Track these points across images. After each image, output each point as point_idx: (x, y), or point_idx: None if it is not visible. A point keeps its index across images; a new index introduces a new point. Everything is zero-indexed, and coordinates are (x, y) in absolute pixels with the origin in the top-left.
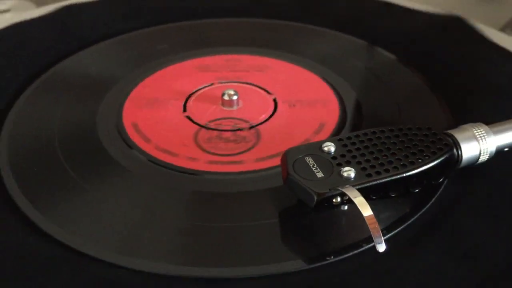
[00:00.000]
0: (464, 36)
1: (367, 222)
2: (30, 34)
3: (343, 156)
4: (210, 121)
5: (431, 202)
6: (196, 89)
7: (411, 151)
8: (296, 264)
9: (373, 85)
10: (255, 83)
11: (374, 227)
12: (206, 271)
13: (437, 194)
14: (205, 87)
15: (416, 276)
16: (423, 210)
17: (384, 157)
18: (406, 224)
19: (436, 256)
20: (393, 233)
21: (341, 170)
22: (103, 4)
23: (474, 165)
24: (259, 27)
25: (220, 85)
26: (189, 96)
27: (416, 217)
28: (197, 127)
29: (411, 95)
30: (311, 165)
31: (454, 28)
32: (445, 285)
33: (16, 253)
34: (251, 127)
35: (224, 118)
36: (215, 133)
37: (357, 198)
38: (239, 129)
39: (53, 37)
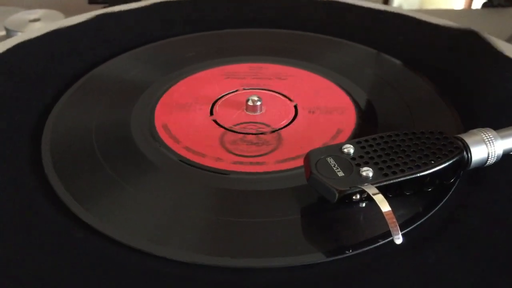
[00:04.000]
0: (474, 47)
1: (386, 217)
2: (67, 41)
3: (361, 157)
4: (235, 125)
5: (444, 201)
6: (222, 94)
7: (424, 153)
8: (315, 257)
9: (387, 93)
10: (277, 90)
11: (392, 222)
12: (230, 261)
13: (450, 193)
14: (231, 93)
15: (427, 269)
16: (437, 208)
17: (400, 158)
18: (421, 221)
19: (447, 250)
20: (408, 229)
21: (360, 169)
22: (135, 14)
23: (483, 167)
24: (282, 37)
25: (244, 91)
26: (216, 101)
27: (430, 214)
28: (223, 130)
29: (423, 102)
30: (332, 165)
31: (465, 40)
32: (453, 277)
33: (59, 242)
34: (273, 131)
35: (248, 122)
36: (240, 136)
37: (376, 195)
38: (262, 133)
39: (89, 43)
